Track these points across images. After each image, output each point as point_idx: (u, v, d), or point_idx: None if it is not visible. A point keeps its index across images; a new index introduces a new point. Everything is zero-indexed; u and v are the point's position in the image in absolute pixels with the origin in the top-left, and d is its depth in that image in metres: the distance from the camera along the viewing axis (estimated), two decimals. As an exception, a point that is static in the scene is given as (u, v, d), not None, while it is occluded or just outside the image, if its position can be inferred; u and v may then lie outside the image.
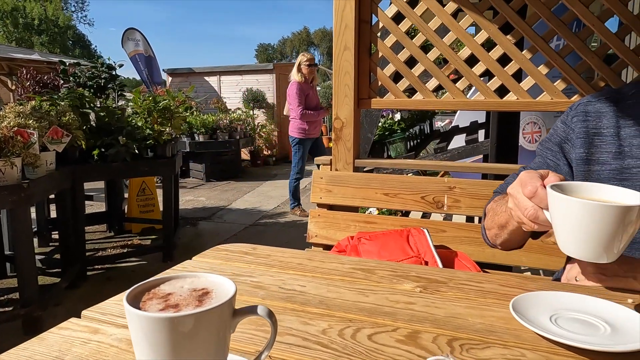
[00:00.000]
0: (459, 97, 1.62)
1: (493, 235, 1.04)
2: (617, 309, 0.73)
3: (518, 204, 0.78)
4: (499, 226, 0.98)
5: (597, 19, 1.45)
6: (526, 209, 0.76)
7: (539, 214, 0.75)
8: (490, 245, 1.13)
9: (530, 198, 0.75)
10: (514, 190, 0.79)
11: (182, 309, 0.47)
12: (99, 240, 4.56)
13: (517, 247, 1.09)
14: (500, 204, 0.99)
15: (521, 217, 0.78)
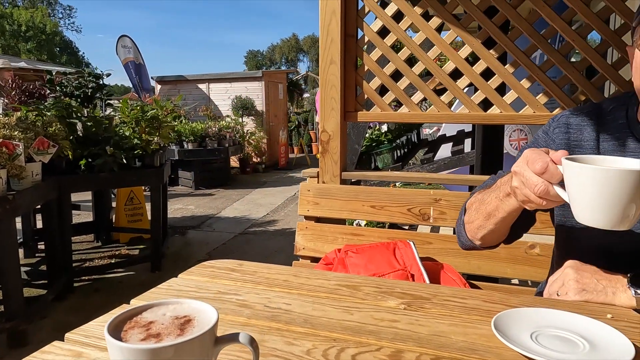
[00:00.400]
0: (444, 110, 1.64)
1: (475, 228, 1.03)
2: (596, 325, 0.74)
3: (526, 181, 0.77)
4: (486, 215, 0.98)
5: (577, 35, 1.48)
6: (536, 185, 0.76)
7: (550, 189, 0.75)
8: (466, 245, 1.12)
9: (541, 174, 0.75)
10: (521, 168, 0.79)
11: (164, 338, 0.47)
12: (86, 250, 4.51)
13: (495, 244, 1.08)
14: (488, 193, 0.98)
15: (528, 194, 0.78)
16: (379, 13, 1.66)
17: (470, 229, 1.06)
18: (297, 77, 17.38)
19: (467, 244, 1.11)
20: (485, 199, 0.98)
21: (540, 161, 0.75)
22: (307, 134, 13.55)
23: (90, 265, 4.08)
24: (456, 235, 1.17)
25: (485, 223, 0.99)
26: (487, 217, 0.97)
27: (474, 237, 1.06)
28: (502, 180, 0.93)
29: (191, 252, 4.57)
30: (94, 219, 4.71)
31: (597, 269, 0.91)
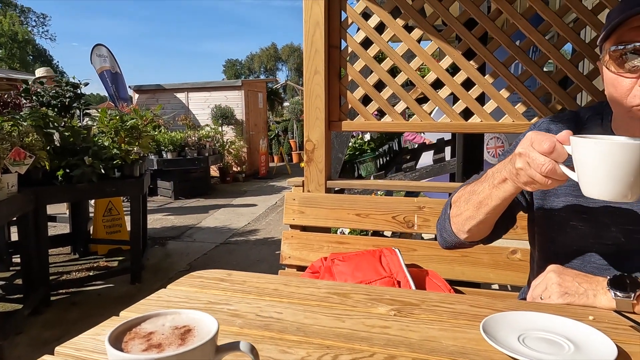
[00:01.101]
0: (426, 119, 1.68)
1: (464, 220, 1.04)
2: (579, 327, 0.77)
3: (532, 161, 0.79)
4: (477, 204, 0.99)
5: (553, 47, 1.53)
6: (543, 164, 0.78)
7: (557, 168, 0.78)
8: (448, 242, 1.12)
9: (549, 153, 0.77)
10: (526, 149, 0.80)
11: (165, 348, 0.47)
12: (62, 263, 4.41)
13: (478, 239, 1.08)
14: (478, 184, 1.00)
15: (534, 174, 0.80)
16: (362, 24, 1.69)
17: (457, 221, 1.06)
18: (276, 86, 17.41)
19: (450, 240, 1.11)
20: (476, 189, 0.99)
21: (548, 141, 0.77)
22: (287, 143, 13.56)
23: (67, 278, 3.98)
24: (437, 234, 1.17)
25: (476, 213, 0.99)
26: (478, 206, 0.98)
27: (461, 230, 1.06)
28: (494, 169, 0.95)
29: (172, 263, 4.51)
30: (71, 231, 4.61)
31: (579, 273, 0.95)
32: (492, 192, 0.94)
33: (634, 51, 0.85)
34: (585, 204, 1.01)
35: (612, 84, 0.92)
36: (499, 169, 0.93)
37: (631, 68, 0.87)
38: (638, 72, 0.86)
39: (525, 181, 0.83)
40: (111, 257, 4.57)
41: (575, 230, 1.02)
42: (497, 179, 0.92)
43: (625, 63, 0.87)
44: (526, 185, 0.84)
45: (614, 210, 0.98)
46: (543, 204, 1.07)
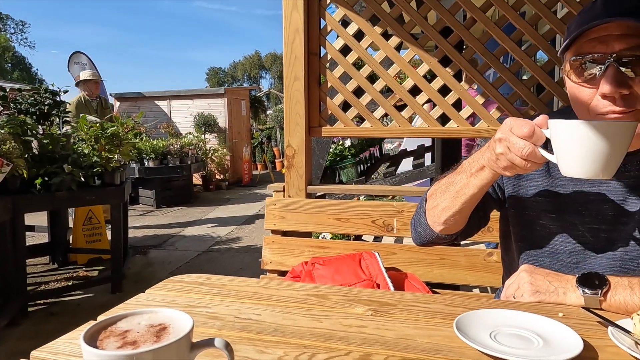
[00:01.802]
0: (404, 125, 1.71)
1: (440, 210, 1.05)
2: (548, 323, 0.80)
3: (512, 145, 0.82)
4: (454, 194, 1.00)
5: (526, 54, 1.58)
6: (523, 147, 0.81)
7: (536, 151, 0.81)
8: (422, 236, 1.14)
9: (529, 137, 0.80)
10: (506, 134, 0.83)
11: (140, 345, 0.48)
12: (41, 273, 4.32)
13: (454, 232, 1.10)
14: (454, 175, 1.02)
15: (514, 158, 0.83)
16: (341, 32, 1.72)
17: (433, 213, 1.08)
18: (259, 94, 17.41)
19: (425, 234, 1.13)
20: (453, 180, 1.02)
21: (528, 125, 0.81)
22: (270, 151, 13.55)
23: (45, 289, 3.90)
24: (412, 230, 1.19)
25: (453, 202, 1.01)
26: (455, 196, 1.01)
27: (436, 222, 1.08)
28: (470, 159, 0.98)
29: (153, 272, 4.46)
30: (49, 240, 4.52)
31: (549, 272, 0.98)
32: (469, 181, 0.97)
33: (592, 61, 0.89)
34: (553, 204, 1.04)
35: (574, 93, 0.96)
36: (475, 158, 0.96)
37: (589, 78, 0.90)
38: (596, 82, 0.89)
39: (505, 165, 0.86)
40: (91, 266, 4.50)
41: (544, 229, 1.05)
42: (475, 167, 0.95)
43: (585, 72, 0.91)
44: (505, 169, 0.87)
45: (580, 210, 1.01)
46: (514, 203, 1.11)
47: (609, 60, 0.86)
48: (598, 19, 0.87)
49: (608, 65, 0.86)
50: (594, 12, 0.89)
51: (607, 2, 0.89)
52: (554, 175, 1.06)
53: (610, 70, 0.86)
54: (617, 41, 0.86)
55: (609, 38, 0.87)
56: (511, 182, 1.10)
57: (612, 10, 0.86)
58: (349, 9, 1.71)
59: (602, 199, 1.00)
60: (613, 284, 0.89)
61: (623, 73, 0.86)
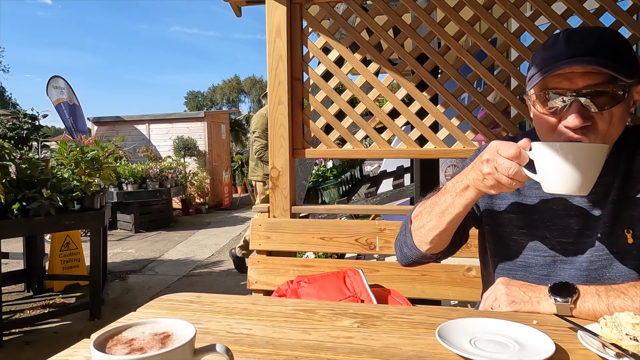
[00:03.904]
0: (384, 146, 1.78)
1: (427, 230, 1.10)
2: (524, 329, 0.85)
3: (499, 165, 0.89)
4: (439, 214, 1.06)
5: (496, 79, 1.68)
6: (510, 167, 0.87)
7: (521, 170, 0.88)
8: (408, 257, 1.18)
9: (515, 158, 0.87)
10: (492, 155, 0.90)
11: (147, 351, 0.51)
12: (15, 301, 4.20)
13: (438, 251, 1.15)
14: (438, 196, 1.07)
15: (500, 177, 0.89)
16: (322, 58, 1.80)
17: (419, 234, 1.13)
18: (239, 117, 17.47)
19: (411, 254, 1.18)
20: (438, 201, 1.07)
21: (514, 147, 0.88)
22: (250, 174, 13.53)
23: (20, 317, 3.80)
24: (397, 251, 1.24)
25: (439, 222, 1.07)
26: (441, 215, 1.06)
27: (423, 242, 1.12)
28: (454, 181, 1.04)
29: (133, 297, 4.39)
30: (25, 267, 4.42)
31: (524, 283, 1.04)
32: (454, 200, 1.03)
33: (556, 93, 0.97)
34: (524, 220, 1.11)
35: (538, 121, 1.04)
36: (459, 179, 1.02)
37: (554, 109, 0.99)
38: (560, 113, 0.98)
39: (492, 185, 0.92)
40: (68, 293, 4.40)
41: (517, 244, 1.12)
42: (459, 187, 1.01)
43: (549, 102, 0.99)
44: (491, 188, 0.93)
45: (548, 225, 1.08)
46: (489, 220, 1.17)
47: (573, 95, 0.95)
48: (562, 58, 0.95)
49: (573, 101, 0.95)
50: (558, 50, 0.98)
51: (569, 42, 0.97)
52: (523, 194, 1.13)
53: (574, 106, 0.95)
54: (581, 78, 0.95)
55: (573, 75, 0.95)
56: (485, 201, 1.17)
57: (576, 50, 0.95)
58: (329, 36, 1.79)
59: (568, 214, 1.07)
60: (582, 292, 0.96)
61: (586, 108, 0.95)
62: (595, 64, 0.92)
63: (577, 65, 0.94)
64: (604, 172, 0.92)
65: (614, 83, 0.94)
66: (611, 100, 0.95)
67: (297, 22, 1.77)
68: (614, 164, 1.04)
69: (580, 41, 0.97)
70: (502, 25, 1.65)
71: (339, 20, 1.79)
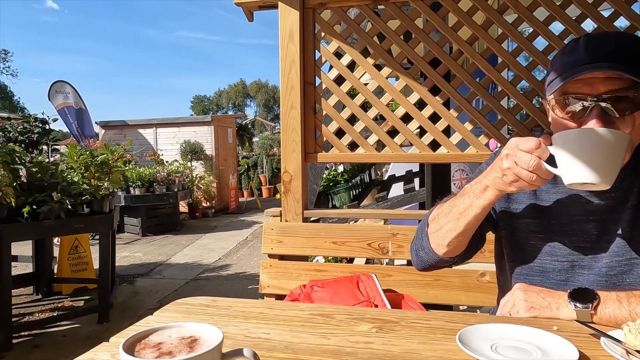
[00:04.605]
0: (397, 150, 1.78)
1: (444, 233, 1.09)
2: (545, 335, 0.84)
3: (519, 159, 0.88)
4: (457, 216, 1.05)
5: (510, 83, 1.68)
6: (529, 160, 0.87)
7: (541, 163, 0.87)
8: (424, 260, 1.17)
9: (535, 150, 0.87)
10: (512, 150, 0.90)
11: (176, 355, 0.51)
12: (24, 304, 4.22)
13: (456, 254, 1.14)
14: (456, 199, 1.07)
15: (520, 171, 0.89)
16: (335, 63, 1.80)
17: (436, 236, 1.12)
18: (245, 122, 17.53)
19: (427, 258, 1.17)
20: (456, 203, 1.07)
21: (533, 140, 0.88)
22: (257, 178, 13.57)
23: (29, 320, 3.81)
24: (412, 255, 1.23)
25: (457, 224, 1.06)
26: (459, 217, 1.05)
27: (440, 245, 1.11)
28: (472, 183, 1.04)
29: (140, 301, 4.39)
30: (34, 270, 4.44)
31: (542, 289, 1.03)
32: (473, 202, 1.02)
33: (577, 98, 0.97)
34: (541, 225, 1.10)
35: (557, 126, 1.04)
36: (477, 181, 1.02)
37: (573, 114, 0.98)
38: (581, 118, 0.97)
39: (511, 180, 0.92)
40: (76, 296, 4.41)
41: (534, 249, 1.11)
42: (478, 189, 1.01)
43: (569, 108, 0.99)
44: (511, 184, 0.93)
45: (566, 230, 1.07)
46: (505, 225, 1.17)
47: (593, 100, 0.94)
48: (582, 63, 0.95)
49: (594, 106, 0.94)
50: (578, 55, 0.97)
51: (589, 47, 0.97)
52: (540, 198, 1.12)
53: (595, 111, 0.94)
54: (602, 84, 0.94)
55: (594, 80, 0.95)
56: (502, 205, 1.17)
57: (595, 55, 0.95)
58: (342, 41, 1.79)
59: (587, 219, 1.06)
60: (603, 298, 0.95)
61: (607, 113, 0.94)
62: (616, 69, 0.92)
63: (598, 71, 0.93)
64: (623, 176, 0.91)
65: (635, 88, 0.93)
66: (632, 105, 0.94)
67: (309, 27, 1.78)
68: (633, 168, 1.03)
69: (600, 46, 0.96)
70: (515, 30, 1.65)
71: (351, 25, 1.79)
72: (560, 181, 1.11)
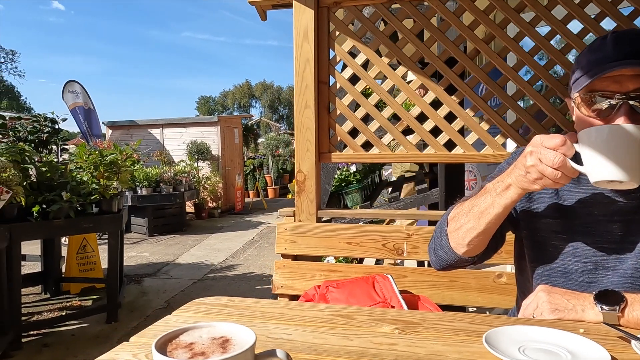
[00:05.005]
0: (412, 150, 1.76)
1: (464, 232, 1.07)
2: (573, 338, 0.82)
3: (544, 156, 0.87)
4: (478, 215, 1.03)
5: (527, 83, 1.66)
6: (554, 157, 0.86)
7: (567, 161, 0.86)
8: (443, 260, 1.15)
9: (558, 147, 0.86)
10: (537, 147, 0.88)
11: (210, 356, 0.50)
12: (33, 303, 4.23)
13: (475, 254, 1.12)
14: (477, 197, 1.05)
15: (545, 169, 0.87)
16: (349, 62, 1.79)
17: (456, 235, 1.10)
18: (251, 122, 17.55)
19: (446, 257, 1.15)
20: (477, 202, 1.05)
21: (558, 137, 0.87)
22: (262, 178, 13.57)
23: (38, 319, 3.82)
24: (431, 255, 1.21)
25: (477, 223, 1.04)
26: (479, 216, 1.03)
27: (460, 244, 1.10)
28: (493, 182, 1.02)
29: (148, 300, 4.40)
30: (42, 270, 4.45)
31: (567, 290, 1.01)
32: (494, 200, 1.01)
33: (604, 96, 0.95)
34: (563, 225, 1.08)
35: (583, 124, 1.02)
36: (500, 179, 1.00)
37: (600, 111, 0.97)
38: (608, 116, 0.95)
39: (535, 178, 0.90)
40: (84, 296, 4.42)
41: (556, 249, 1.09)
42: (500, 187, 0.99)
43: (595, 105, 0.97)
44: (535, 182, 0.91)
45: (590, 230, 1.05)
46: (526, 225, 1.15)
47: (622, 98, 0.93)
48: (610, 60, 0.93)
49: (622, 104, 0.93)
50: (605, 52, 0.96)
51: (618, 43, 0.95)
52: (563, 198, 1.10)
53: (623, 108, 0.93)
54: (630, 81, 0.93)
55: (622, 78, 0.93)
56: (523, 205, 1.15)
57: (624, 52, 0.93)
58: (357, 40, 1.78)
59: (611, 220, 1.04)
60: (630, 300, 0.93)
61: (635, 111, 0.93)
62: None
63: (627, 68, 0.92)
64: None
65: None
66: None
67: (324, 26, 1.77)
68: None
69: (628, 43, 0.95)
70: (533, 28, 1.63)
71: (366, 24, 1.78)
72: (583, 180, 1.09)
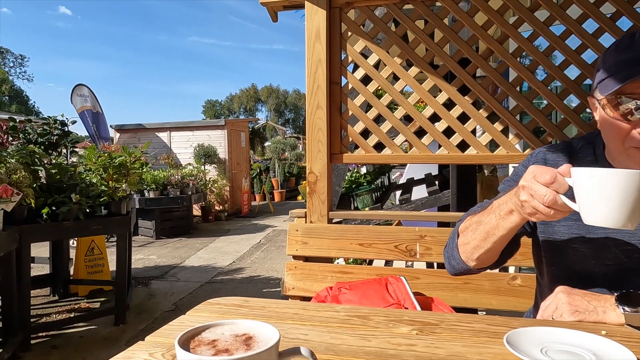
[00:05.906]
0: (424, 151, 1.75)
1: (471, 249, 1.06)
2: (596, 339, 0.80)
3: (535, 193, 0.83)
4: (484, 235, 1.02)
5: (542, 83, 1.64)
6: (545, 195, 0.82)
7: (557, 198, 0.81)
8: (456, 269, 1.15)
9: (550, 184, 0.81)
10: (528, 182, 0.85)
11: (234, 352, 0.49)
12: (41, 305, 4.25)
13: (487, 265, 1.11)
14: (484, 215, 1.03)
15: (537, 205, 0.83)
16: (361, 62, 1.78)
17: (465, 250, 1.10)
18: (257, 126, 17.59)
19: (459, 267, 1.14)
20: (483, 220, 1.03)
21: (549, 172, 0.82)
22: (269, 182, 13.58)
23: (47, 321, 3.83)
24: (445, 261, 1.20)
25: (483, 243, 1.03)
26: (485, 237, 1.02)
27: (469, 259, 1.09)
28: (500, 201, 1.00)
29: (156, 303, 4.40)
30: (51, 272, 4.47)
31: (586, 292, 0.99)
32: (499, 223, 0.98)
33: (632, 98, 0.93)
34: (585, 227, 1.06)
35: (608, 126, 0.99)
36: (504, 200, 0.98)
37: (626, 113, 0.94)
38: (634, 118, 0.93)
39: (530, 212, 0.87)
40: (92, 298, 4.43)
41: (577, 252, 1.07)
42: (504, 210, 0.97)
43: (622, 107, 0.94)
44: (531, 216, 0.88)
45: (612, 232, 1.03)
46: (545, 228, 1.13)
47: None
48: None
49: None
50: (635, 53, 0.93)
51: None
52: None
53: None
54: None
55: None
56: None
57: None
58: (369, 40, 1.77)
59: None
60: (652, 302, 0.91)
61: None
62: None
63: None
64: None
65: None
66: None
67: (336, 26, 1.76)
68: None
69: None
70: (547, 28, 1.62)
71: (378, 24, 1.77)
72: None
